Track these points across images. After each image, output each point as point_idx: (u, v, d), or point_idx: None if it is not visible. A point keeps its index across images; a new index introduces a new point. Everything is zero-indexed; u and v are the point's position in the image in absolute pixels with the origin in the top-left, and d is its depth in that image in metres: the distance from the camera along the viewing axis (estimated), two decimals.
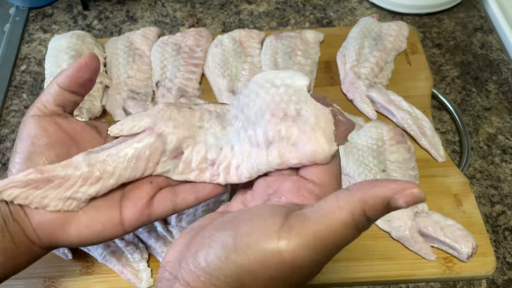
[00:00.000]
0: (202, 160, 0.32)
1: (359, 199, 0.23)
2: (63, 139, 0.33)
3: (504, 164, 0.54)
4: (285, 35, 0.58)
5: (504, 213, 0.51)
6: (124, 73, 0.55)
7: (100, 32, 0.69)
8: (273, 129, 0.29)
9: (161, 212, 0.33)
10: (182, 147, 0.32)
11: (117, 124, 0.33)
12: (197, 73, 0.56)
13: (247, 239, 0.24)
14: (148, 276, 0.41)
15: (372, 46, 0.56)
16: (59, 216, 0.31)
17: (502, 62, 0.64)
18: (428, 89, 0.56)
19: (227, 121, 0.33)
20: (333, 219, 0.23)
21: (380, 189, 0.23)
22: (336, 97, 0.55)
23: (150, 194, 0.33)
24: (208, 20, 0.70)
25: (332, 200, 0.24)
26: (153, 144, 0.32)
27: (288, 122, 0.29)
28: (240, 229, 0.25)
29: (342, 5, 0.72)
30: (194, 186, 0.33)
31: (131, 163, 0.32)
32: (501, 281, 0.47)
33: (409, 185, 0.23)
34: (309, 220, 0.24)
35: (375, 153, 0.47)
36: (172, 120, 0.32)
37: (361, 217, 0.24)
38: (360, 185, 0.24)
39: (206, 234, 0.26)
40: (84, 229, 0.32)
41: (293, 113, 0.29)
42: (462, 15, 0.70)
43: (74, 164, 0.31)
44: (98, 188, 0.31)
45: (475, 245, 0.42)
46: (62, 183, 0.31)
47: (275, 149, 0.29)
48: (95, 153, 0.32)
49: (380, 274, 0.42)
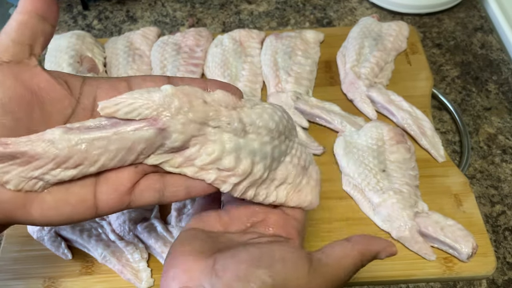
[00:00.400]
0: (212, 161, 0.28)
1: (360, 251, 0.30)
2: (24, 97, 0.25)
3: (504, 164, 0.54)
4: (285, 35, 0.58)
5: (504, 213, 0.51)
6: (124, 73, 0.55)
7: (100, 32, 0.69)
8: (294, 175, 0.33)
9: (144, 202, 0.29)
10: (189, 144, 0.28)
11: (111, 102, 0.26)
12: (197, 73, 0.56)
13: (283, 281, 0.27)
14: (148, 276, 0.41)
15: (372, 46, 0.56)
16: (19, 195, 0.26)
17: (502, 62, 0.64)
18: (428, 89, 0.56)
19: (252, 127, 0.30)
20: (343, 264, 0.30)
21: (373, 246, 0.31)
22: (336, 97, 0.55)
23: (133, 181, 0.28)
24: (208, 20, 0.70)
25: (340, 249, 0.31)
26: (151, 138, 0.27)
27: (304, 171, 0.34)
28: (275, 268, 0.28)
29: (342, 5, 0.72)
30: (187, 180, 0.29)
31: (120, 153, 0.27)
32: (501, 281, 0.47)
33: (390, 244, 0.32)
34: (328, 265, 0.30)
35: (375, 153, 0.47)
36: (181, 115, 0.27)
37: (359, 264, 0.31)
38: (359, 238, 0.31)
39: (239, 268, 0.27)
40: (49, 211, 0.26)
41: (307, 165, 0.34)
42: (462, 15, 0.70)
43: (49, 141, 0.25)
44: (74, 174, 0.26)
45: (475, 245, 0.42)
46: (30, 162, 0.25)
47: (285, 189, 0.33)
48: (77, 133, 0.26)
49: (380, 274, 0.42)
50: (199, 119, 0.27)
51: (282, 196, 0.33)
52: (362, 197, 0.46)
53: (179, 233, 0.32)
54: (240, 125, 0.29)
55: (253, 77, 0.56)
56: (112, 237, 0.43)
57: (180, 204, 0.45)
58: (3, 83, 0.25)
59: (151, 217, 0.44)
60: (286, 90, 0.53)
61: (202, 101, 0.28)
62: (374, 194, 0.45)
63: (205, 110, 0.28)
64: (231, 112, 0.29)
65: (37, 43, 0.27)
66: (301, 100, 0.53)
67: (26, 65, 0.26)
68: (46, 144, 0.25)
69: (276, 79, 0.54)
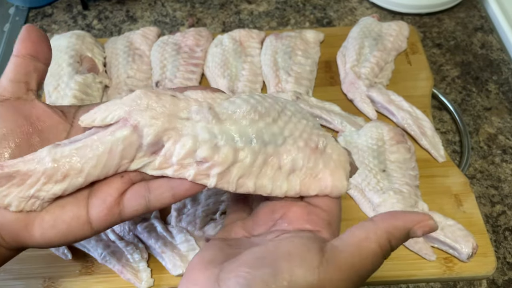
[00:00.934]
0: (187, 154, 0.28)
1: (386, 231, 0.26)
2: (24, 128, 0.29)
3: (504, 164, 0.54)
4: (285, 35, 0.58)
5: (504, 213, 0.51)
6: (124, 73, 0.55)
7: (100, 32, 0.69)
8: (302, 158, 0.30)
9: (133, 210, 0.29)
10: (163, 140, 0.28)
11: (90, 113, 0.29)
12: (197, 73, 0.56)
13: (289, 277, 0.24)
14: (148, 276, 0.41)
15: (372, 46, 0.56)
16: (21, 216, 0.28)
17: (503, 62, 0.64)
18: (428, 89, 0.56)
19: (226, 113, 0.29)
20: (365, 250, 0.25)
21: (402, 221, 0.26)
22: (336, 97, 0.55)
23: (120, 190, 0.29)
24: (208, 20, 0.70)
25: (360, 231, 0.26)
26: (127, 138, 0.28)
27: (317, 154, 0.30)
28: (279, 267, 0.25)
29: (342, 5, 0.72)
30: (171, 181, 0.29)
31: (102, 159, 0.28)
32: (501, 281, 0.47)
33: (425, 217, 0.26)
34: (343, 253, 0.25)
35: (375, 153, 0.47)
36: (150, 110, 0.28)
37: (387, 247, 0.26)
38: (383, 216, 0.26)
39: (240, 272, 0.25)
40: (48, 230, 0.28)
41: (321, 147, 0.30)
42: (463, 15, 0.70)
43: (38, 158, 0.28)
44: (64, 187, 0.28)
45: (475, 245, 0.42)
46: (25, 180, 0.27)
47: (297, 177, 0.30)
48: (62, 147, 0.28)
49: (380, 274, 0.42)
50: (168, 110, 0.28)
51: (295, 185, 0.29)
52: (362, 197, 0.46)
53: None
54: (211, 112, 0.29)
55: (253, 77, 0.56)
56: (112, 237, 0.43)
57: (180, 204, 0.45)
58: (5, 116, 0.29)
59: (151, 217, 0.44)
60: (286, 90, 0.53)
61: (170, 95, 0.29)
62: (374, 194, 0.45)
63: (174, 102, 0.29)
64: (201, 102, 0.29)
65: (32, 80, 0.30)
66: (301, 100, 0.53)
67: (24, 100, 0.30)
68: (36, 160, 0.28)
69: (276, 79, 0.54)
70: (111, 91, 0.55)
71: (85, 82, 0.52)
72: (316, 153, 0.30)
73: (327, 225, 0.29)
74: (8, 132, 0.28)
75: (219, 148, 0.28)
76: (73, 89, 0.51)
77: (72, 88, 0.51)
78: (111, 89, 0.55)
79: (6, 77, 0.30)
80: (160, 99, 0.28)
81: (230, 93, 0.53)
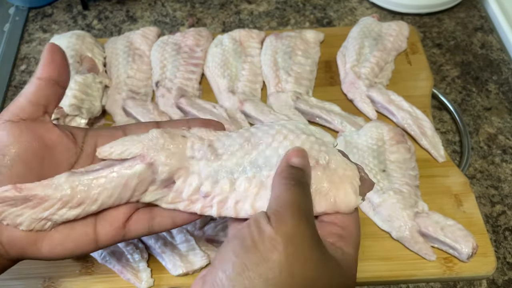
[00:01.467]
0: (194, 192, 0.31)
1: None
2: (37, 150, 0.30)
3: (504, 164, 0.54)
4: (285, 35, 0.58)
5: (504, 213, 0.51)
6: (124, 73, 0.55)
7: (100, 32, 0.69)
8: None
9: (136, 233, 0.32)
10: (174, 177, 0.31)
11: (106, 146, 0.31)
12: (197, 73, 0.56)
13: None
14: (148, 276, 0.41)
15: (372, 46, 0.56)
16: (31, 234, 0.30)
17: (503, 62, 0.64)
18: (428, 89, 0.56)
19: (223, 148, 0.32)
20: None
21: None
22: (336, 97, 0.55)
23: (127, 215, 0.32)
24: (208, 20, 0.70)
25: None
26: (143, 173, 0.30)
27: (318, 170, 0.30)
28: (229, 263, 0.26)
29: (342, 5, 0.72)
30: (172, 211, 0.32)
31: (117, 191, 0.30)
32: (501, 281, 0.47)
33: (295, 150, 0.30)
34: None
35: (375, 153, 0.47)
36: (165, 150, 0.31)
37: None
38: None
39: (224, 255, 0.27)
40: (57, 246, 0.30)
41: (323, 163, 0.30)
42: (463, 15, 0.70)
43: (55, 184, 0.29)
44: (77, 213, 0.30)
45: (475, 245, 0.42)
46: (40, 204, 0.29)
47: None
48: (79, 175, 0.30)
49: (380, 274, 0.42)
50: (179, 151, 0.31)
51: None
52: None
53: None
54: (210, 149, 0.31)
55: (253, 77, 0.56)
56: None
57: None
58: (20, 137, 0.29)
59: None
60: (286, 90, 0.53)
61: (181, 136, 0.32)
62: (374, 194, 0.45)
63: (183, 142, 0.31)
64: (202, 141, 0.32)
65: (51, 104, 0.31)
66: (301, 100, 0.53)
67: (41, 122, 0.31)
68: (54, 186, 0.29)
69: (276, 79, 0.54)
70: (111, 91, 0.55)
71: (85, 82, 0.52)
72: (317, 169, 0.30)
73: (339, 238, 0.29)
74: (22, 153, 0.29)
75: (218, 181, 0.31)
76: (73, 89, 0.51)
77: (72, 88, 0.51)
78: (111, 89, 0.55)
79: (26, 98, 0.30)
80: (174, 140, 0.31)
81: (230, 94, 0.53)
